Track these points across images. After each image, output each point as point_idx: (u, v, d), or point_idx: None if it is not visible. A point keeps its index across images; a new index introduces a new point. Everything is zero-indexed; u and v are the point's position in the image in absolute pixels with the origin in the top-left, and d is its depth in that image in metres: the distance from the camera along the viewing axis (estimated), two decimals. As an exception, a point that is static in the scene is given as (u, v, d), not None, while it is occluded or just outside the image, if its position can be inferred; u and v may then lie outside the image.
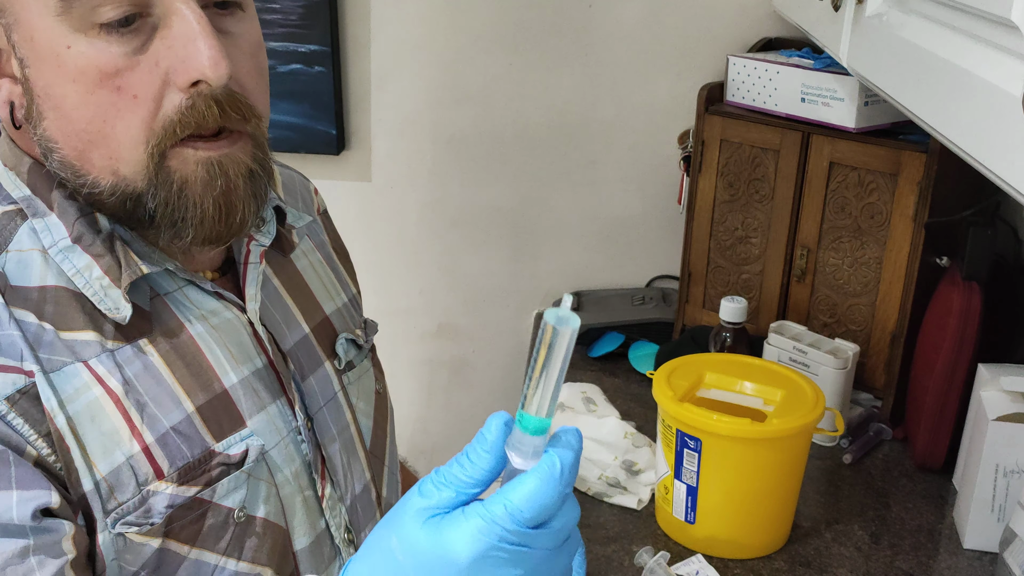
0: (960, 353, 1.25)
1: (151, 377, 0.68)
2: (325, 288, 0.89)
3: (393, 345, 1.92)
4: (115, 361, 0.67)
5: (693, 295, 1.62)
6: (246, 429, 0.72)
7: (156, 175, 0.65)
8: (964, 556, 1.19)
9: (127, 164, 0.65)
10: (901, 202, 1.34)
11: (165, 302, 0.71)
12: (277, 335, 0.79)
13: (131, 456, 0.66)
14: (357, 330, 0.91)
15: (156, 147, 0.65)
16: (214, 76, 0.63)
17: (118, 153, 0.65)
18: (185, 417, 0.69)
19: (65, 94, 0.63)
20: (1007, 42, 0.59)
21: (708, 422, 1.10)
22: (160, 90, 0.64)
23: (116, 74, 0.63)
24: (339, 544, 0.80)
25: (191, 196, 0.66)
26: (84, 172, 0.66)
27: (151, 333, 0.69)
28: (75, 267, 0.67)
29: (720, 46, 1.65)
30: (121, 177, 0.66)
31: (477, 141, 1.78)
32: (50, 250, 0.67)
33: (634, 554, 1.15)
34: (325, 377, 0.83)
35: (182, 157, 0.66)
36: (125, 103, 0.64)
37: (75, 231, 0.68)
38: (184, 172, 0.66)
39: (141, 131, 0.64)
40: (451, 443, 2.00)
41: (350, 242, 1.98)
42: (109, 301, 0.67)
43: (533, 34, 1.70)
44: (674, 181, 1.73)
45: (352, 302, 0.94)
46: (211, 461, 0.70)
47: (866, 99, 1.34)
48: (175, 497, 0.67)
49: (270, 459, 0.74)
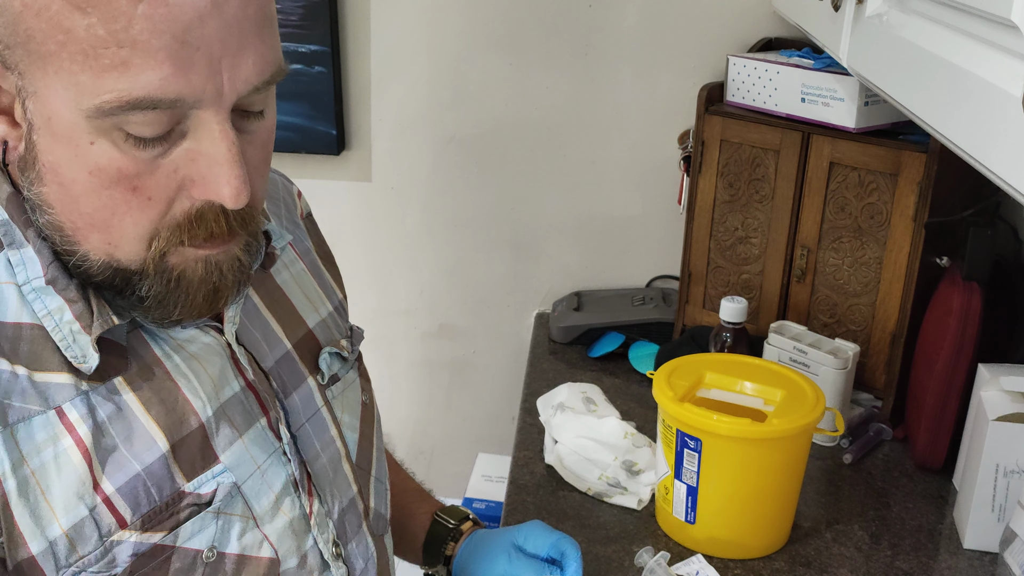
0: (960, 353, 1.25)
1: (124, 420, 0.67)
2: (308, 300, 0.88)
3: (393, 345, 1.92)
4: (88, 405, 0.66)
5: (693, 295, 1.62)
6: (219, 465, 0.71)
7: (153, 270, 0.65)
8: (964, 556, 1.19)
9: (126, 254, 0.65)
10: (901, 202, 1.34)
11: (142, 335, 0.71)
12: (258, 354, 0.78)
13: (93, 508, 0.65)
14: (342, 341, 0.89)
15: (160, 247, 0.65)
16: (233, 205, 0.64)
17: (119, 243, 0.65)
18: (159, 457, 0.68)
19: (76, 179, 0.62)
20: (1007, 42, 0.59)
21: (708, 422, 1.10)
22: (174, 193, 0.64)
23: (135, 176, 0.62)
24: (328, 559, 0.79)
25: (185, 288, 0.67)
26: (76, 243, 0.65)
27: (127, 371, 0.68)
28: (46, 308, 0.66)
29: (720, 46, 1.65)
30: (116, 260, 0.65)
31: (477, 141, 1.78)
32: (23, 287, 0.66)
33: (634, 554, 1.15)
34: (307, 393, 0.82)
35: (182, 255, 0.66)
36: (138, 203, 0.63)
37: (50, 273, 0.66)
38: (183, 268, 0.66)
39: (148, 229, 0.64)
40: (451, 443, 2.00)
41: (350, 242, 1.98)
42: (76, 348, 0.66)
43: (533, 34, 1.70)
44: (674, 181, 1.73)
45: (338, 310, 0.93)
46: (180, 503, 0.69)
47: (866, 99, 1.34)
48: (139, 545, 0.67)
49: (246, 492, 0.73)
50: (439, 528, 1.04)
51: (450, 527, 1.03)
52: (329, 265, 0.96)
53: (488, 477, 1.78)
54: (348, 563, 0.82)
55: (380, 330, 1.90)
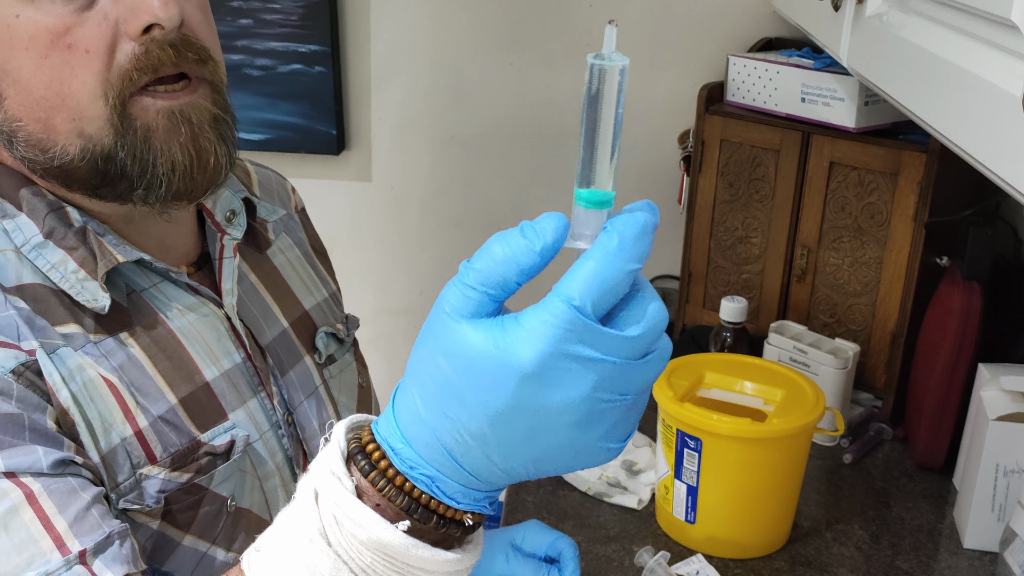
0: (960, 353, 1.25)
1: (135, 368, 0.69)
2: (304, 284, 0.89)
3: (393, 345, 1.92)
4: (100, 351, 0.67)
5: (693, 295, 1.62)
6: (228, 421, 0.73)
7: (120, 126, 0.65)
8: (964, 556, 1.19)
9: (90, 121, 0.65)
10: (901, 202, 1.34)
11: (142, 298, 0.72)
12: (255, 330, 0.79)
13: (125, 438, 0.66)
14: (338, 324, 0.90)
15: (116, 98, 0.64)
16: (165, 17, 0.63)
17: (79, 112, 0.65)
18: (170, 408, 0.69)
19: (20, 64, 0.63)
20: (1007, 42, 0.59)
21: (708, 422, 1.10)
22: (112, 41, 0.64)
23: (66, 32, 0.63)
24: None
25: (157, 144, 0.66)
26: (51, 143, 0.66)
27: (131, 327, 0.70)
28: (49, 262, 0.67)
29: (720, 46, 1.65)
30: (87, 137, 0.65)
31: (477, 141, 1.78)
32: (22, 248, 0.67)
33: (634, 554, 1.15)
34: (305, 372, 0.83)
35: (142, 105, 0.66)
36: (78, 59, 0.63)
37: (46, 226, 0.68)
38: (146, 120, 0.66)
39: (98, 84, 0.64)
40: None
41: (350, 241, 1.97)
42: (87, 293, 0.67)
43: (533, 34, 1.70)
44: (674, 181, 1.73)
45: (332, 298, 0.94)
46: (198, 451, 0.70)
47: (866, 99, 1.34)
48: (167, 482, 0.67)
49: (253, 452, 0.74)
50: None
51: None
52: (323, 259, 0.97)
53: (488, 477, 1.78)
54: None
55: (380, 329, 1.90)
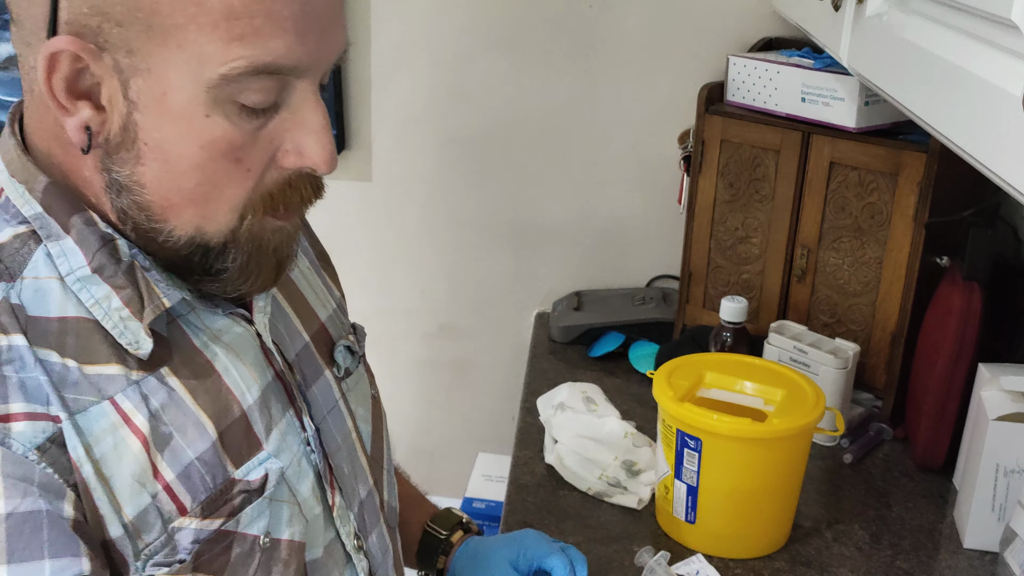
0: (960, 353, 1.25)
1: (176, 407, 0.68)
2: (316, 295, 0.89)
3: (394, 345, 1.92)
4: (141, 394, 0.66)
5: (693, 295, 1.62)
6: (263, 452, 0.72)
7: (235, 237, 0.67)
8: (964, 556, 1.19)
9: (215, 224, 0.66)
10: (901, 202, 1.34)
11: (180, 326, 0.71)
12: (282, 345, 0.79)
13: (155, 495, 0.65)
14: (350, 336, 0.90)
15: (248, 217, 0.67)
16: (327, 171, 0.67)
17: (213, 215, 0.66)
18: (210, 446, 0.68)
19: (184, 155, 0.64)
20: (1007, 42, 0.59)
21: (708, 422, 1.10)
22: (267, 164, 0.66)
23: (241, 148, 0.64)
24: (350, 551, 0.80)
25: (262, 258, 0.69)
26: (164, 221, 0.66)
27: (171, 361, 0.69)
28: (93, 297, 0.66)
29: (720, 46, 1.65)
30: (203, 232, 0.67)
31: (477, 141, 1.78)
32: (67, 278, 0.66)
33: (634, 554, 1.15)
34: (326, 386, 0.83)
35: (261, 225, 0.68)
36: (239, 173, 0.65)
37: (95, 261, 0.66)
38: (261, 237, 0.68)
39: (242, 199, 0.66)
40: (452, 444, 2.00)
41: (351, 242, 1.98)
42: (129, 335, 0.66)
43: (533, 34, 1.70)
44: (674, 181, 1.73)
45: (339, 308, 0.94)
46: (232, 490, 0.69)
47: (866, 99, 1.34)
48: (200, 532, 0.67)
49: (288, 479, 0.74)
50: (430, 539, 1.04)
51: (440, 539, 1.04)
52: (326, 265, 0.97)
53: (488, 477, 1.79)
54: (369, 556, 0.82)
55: (380, 330, 1.90)
